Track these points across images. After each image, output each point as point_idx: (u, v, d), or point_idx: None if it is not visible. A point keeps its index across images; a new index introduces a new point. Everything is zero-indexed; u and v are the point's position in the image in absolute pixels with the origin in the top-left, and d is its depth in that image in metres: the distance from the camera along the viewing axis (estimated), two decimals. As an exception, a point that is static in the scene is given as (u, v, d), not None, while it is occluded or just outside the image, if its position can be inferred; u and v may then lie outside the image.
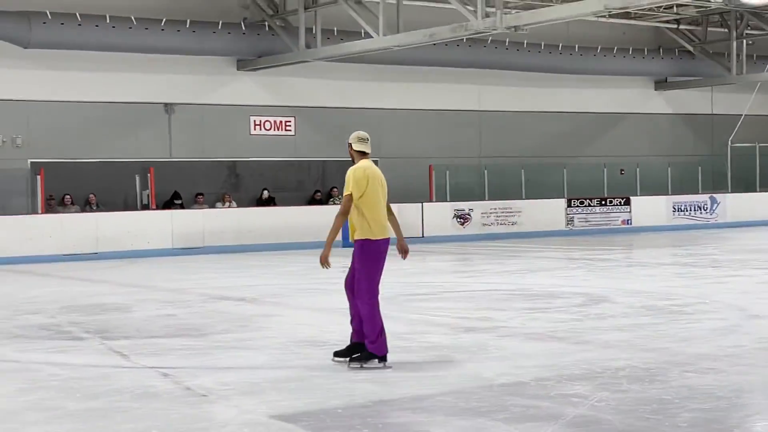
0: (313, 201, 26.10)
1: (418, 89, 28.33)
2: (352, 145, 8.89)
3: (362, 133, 8.95)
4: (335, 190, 26.40)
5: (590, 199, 28.42)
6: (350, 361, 8.32)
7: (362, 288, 8.48)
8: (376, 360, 8.26)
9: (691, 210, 29.86)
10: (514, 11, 23.27)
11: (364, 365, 8.22)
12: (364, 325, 8.39)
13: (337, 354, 8.54)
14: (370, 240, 8.49)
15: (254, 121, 26.25)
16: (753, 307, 11.69)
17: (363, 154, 8.87)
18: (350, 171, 8.70)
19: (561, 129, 30.68)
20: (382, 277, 8.59)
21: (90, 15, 23.12)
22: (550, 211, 27.80)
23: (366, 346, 8.30)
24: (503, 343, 9.34)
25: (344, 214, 8.61)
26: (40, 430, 6.31)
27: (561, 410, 6.50)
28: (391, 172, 27.35)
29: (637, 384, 7.32)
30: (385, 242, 8.57)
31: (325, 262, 8.63)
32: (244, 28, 25.07)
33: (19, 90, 23.31)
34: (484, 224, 26.63)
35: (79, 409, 6.87)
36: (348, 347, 8.50)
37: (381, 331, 8.37)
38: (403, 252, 8.91)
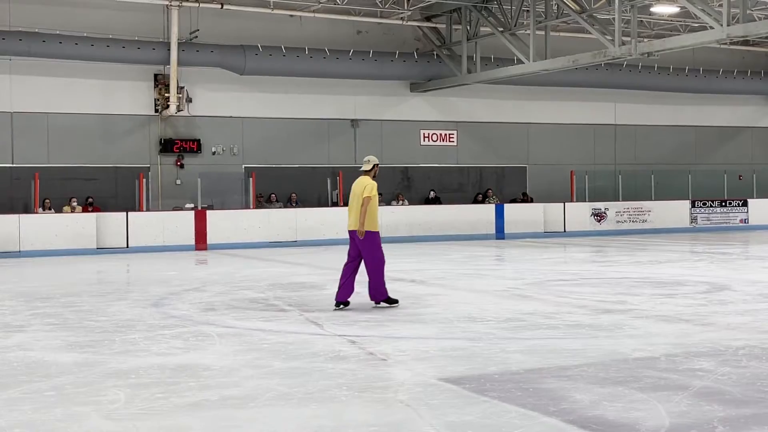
0: (476, 201, 26.01)
1: (562, 106, 27.89)
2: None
3: (366, 157, 10.48)
4: (490, 191, 26.25)
5: (712, 201, 27.41)
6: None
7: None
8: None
9: (802, 211, 28.44)
10: (646, 39, 22.63)
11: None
12: None
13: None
14: None
15: (423, 133, 26.34)
16: None
17: (363, 172, 10.42)
18: None
19: (686, 140, 29.73)
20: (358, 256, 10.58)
21: (292, 47, 23.66)
22: (676, 211, 26.94)
23: None
24: (636, 323, 9.07)
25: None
26: (254, 383, 6.46)
27: (688, 382, 6.29)
28: (538, 177, 27.28)
29: (756, 361, 7.01)
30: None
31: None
32: (416, 56, 25.20)
33: (236, 108, 24.04)
34: (618, 221, 26.01)
35: (284, 367, 7.01)
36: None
37: (340, 286, 10.30)
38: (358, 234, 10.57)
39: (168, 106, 22.70)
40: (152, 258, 19.11)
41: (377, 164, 10.38)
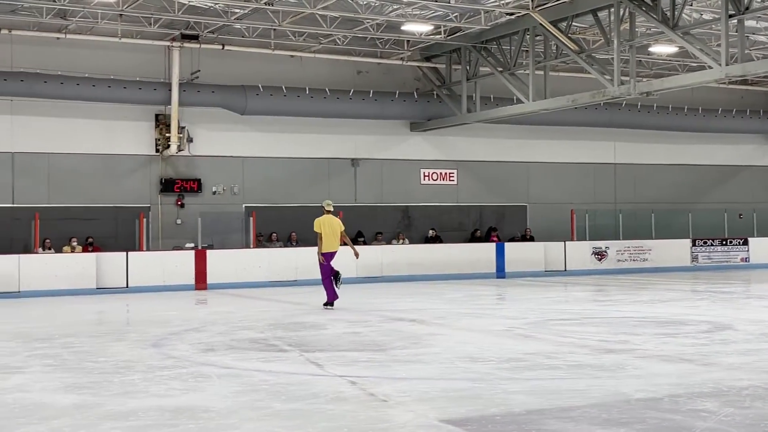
0: (473, 239, 26.00)
1: (561, 145, 27.98)
2: (323, 207, 15.88)
3: (326, 201, 16.27)
4: (495, 230, 26.25)
5: (712, 240, 27.40)
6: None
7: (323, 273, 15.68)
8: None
9: (803, 249, 28.39)
10: (645, 79, 22.77)
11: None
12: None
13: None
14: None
15: (423, 172, 26.39)
16: None
17: (326, 211, 15.85)
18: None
19: (686, 179, 29.79)
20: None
21: (293, 87, 23.79)
22: (677, 250, 26.91)
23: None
24: (639, 363, 9.01)
25: (320, 240, 15.68)
26: (253, 425, 6.40)
27: (692, 423, 6.23)
28: (539, 216, 27.28)
29: (759, 401, 6.95)
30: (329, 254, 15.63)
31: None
32: (416, 96, 25.33)
33: (237, 148, 24.10)
34: (619, 260, 25.98)
35: (284, 409, 6.95)
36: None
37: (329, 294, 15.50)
38: (356, 255, 16.29)
39: (169, 146, 22.76)
40: (152, 298, 19.05)
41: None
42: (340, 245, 15.86)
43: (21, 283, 19.74)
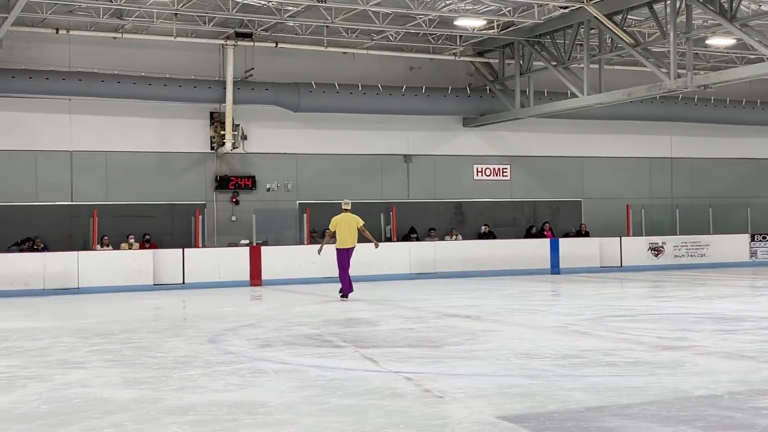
0: (528, 234, 25.84)
1: (616, 140, 27.68)
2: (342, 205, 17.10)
3: (344, 200, 17.65)
4: (547, 224, 26.09)
5: (772, 234, 26.92)
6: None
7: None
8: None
9: None
10: (702, 72, 22.43)
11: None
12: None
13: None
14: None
15: (476, 168, 26.29)
16: None
17: (343, 210, 17.18)
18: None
19: (745, 173, 29.27)
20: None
21: (346, 84, 23.86)
22: (736, 245, 26.46)
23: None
24: (698, 359, 8.89)
25: (329, 236, 17.38)
26: (311, 421, 6.44)
27: (753, 421, 6.13)
28: (594, 211, 27.00)
29: (824, 400, 6.82)
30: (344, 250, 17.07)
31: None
32: (469, 92, 25.24)
33: (290, 145, 24.24)
34: (676, 256, 25.64)
35: (341, 404, 6.98)
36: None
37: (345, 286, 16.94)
38: (375, 246, 18.04)
39: (223, 144, 22.99)
40: (208, 294, 19.27)
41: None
42: (362, 240, 17.28)
43: (80, 279, 20.11)
